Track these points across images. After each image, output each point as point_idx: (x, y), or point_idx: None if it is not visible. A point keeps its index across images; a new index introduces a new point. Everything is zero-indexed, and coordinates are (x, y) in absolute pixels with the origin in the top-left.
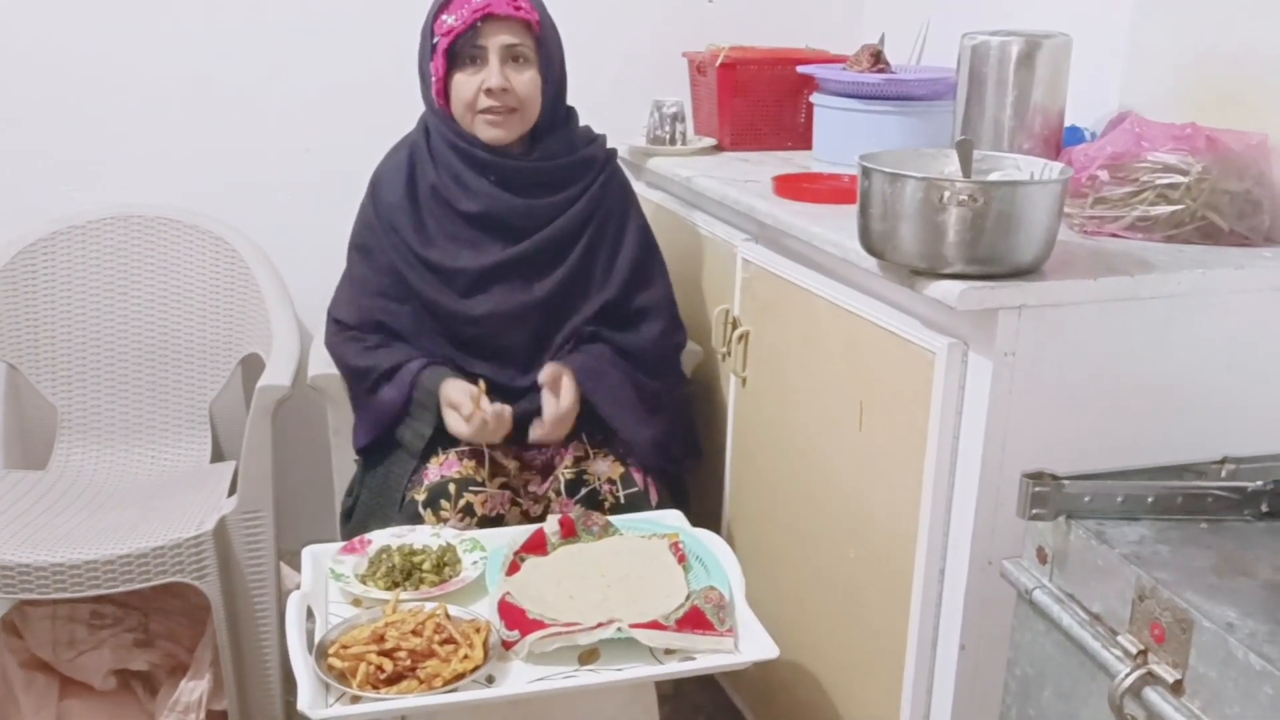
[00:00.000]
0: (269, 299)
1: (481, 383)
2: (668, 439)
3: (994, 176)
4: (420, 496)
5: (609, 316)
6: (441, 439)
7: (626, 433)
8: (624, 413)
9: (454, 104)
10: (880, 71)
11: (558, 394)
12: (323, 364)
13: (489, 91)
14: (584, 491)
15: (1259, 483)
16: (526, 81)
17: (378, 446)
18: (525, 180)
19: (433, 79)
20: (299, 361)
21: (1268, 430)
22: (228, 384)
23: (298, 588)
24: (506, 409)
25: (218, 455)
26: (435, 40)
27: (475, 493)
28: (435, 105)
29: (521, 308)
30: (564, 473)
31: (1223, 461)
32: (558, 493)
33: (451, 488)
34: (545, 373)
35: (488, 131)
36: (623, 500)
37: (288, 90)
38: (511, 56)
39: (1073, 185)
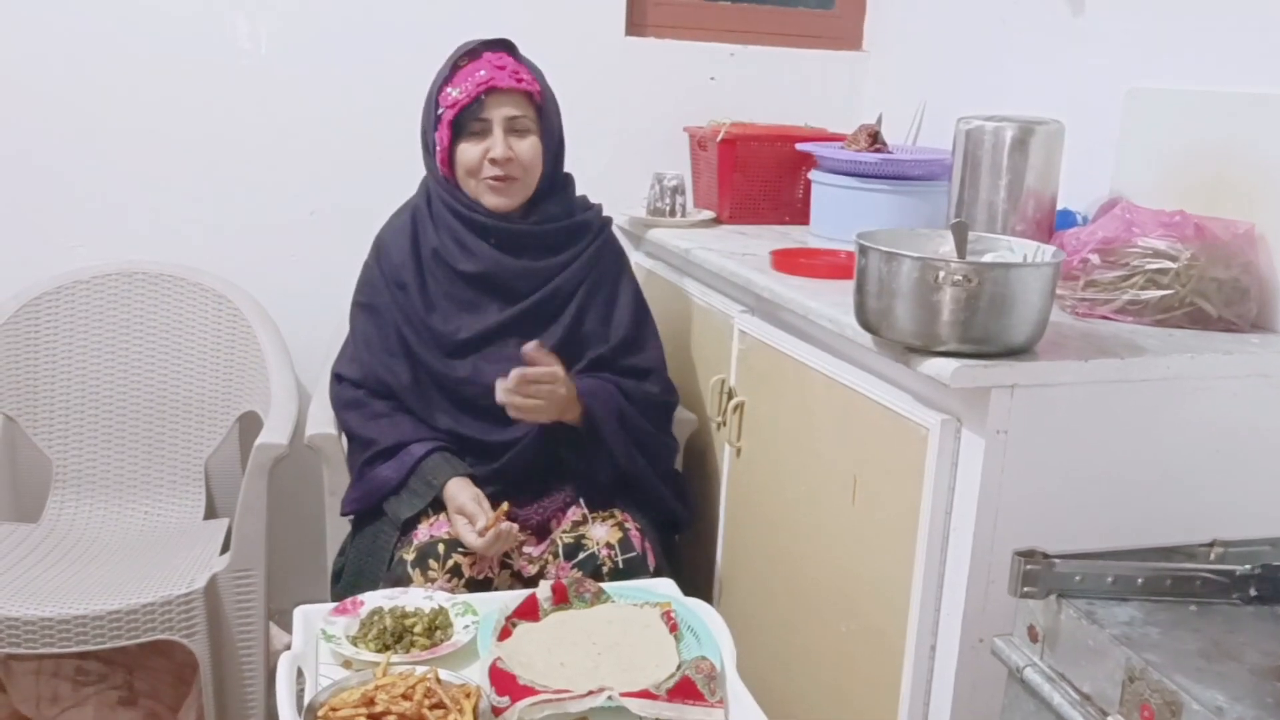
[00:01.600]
0: (269, 358)
1: (505, 505)
2: (658, 481)
3: (988, 258)
4: (409, 556)
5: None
6: (431, 502)
7: (621, 457)
8: (619, 435)
9: (458, 171)
10: (877, 151)
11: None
12: (320, 424)
13: (494, 161)
14: (582, 556)
15: (1247, 566)
16: (528, 148)
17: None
18: (524, 243)
19: (437, 148)
20: (297, 421)
21: (1255, 513)
22: (224, 441)
23: (287, 648)
24: (515, 526)
25: (211, 512)
26: (440, 112)
27: (464, 554)
28: (439, 173)
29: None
30: (562, 537)
31: (1211, 544)
32: (555, 555)
33: (440, 548)
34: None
35: (492, 199)
36: (621, 565)
37: (295, 153)
38: (514, 127)
39: (1065, 268)
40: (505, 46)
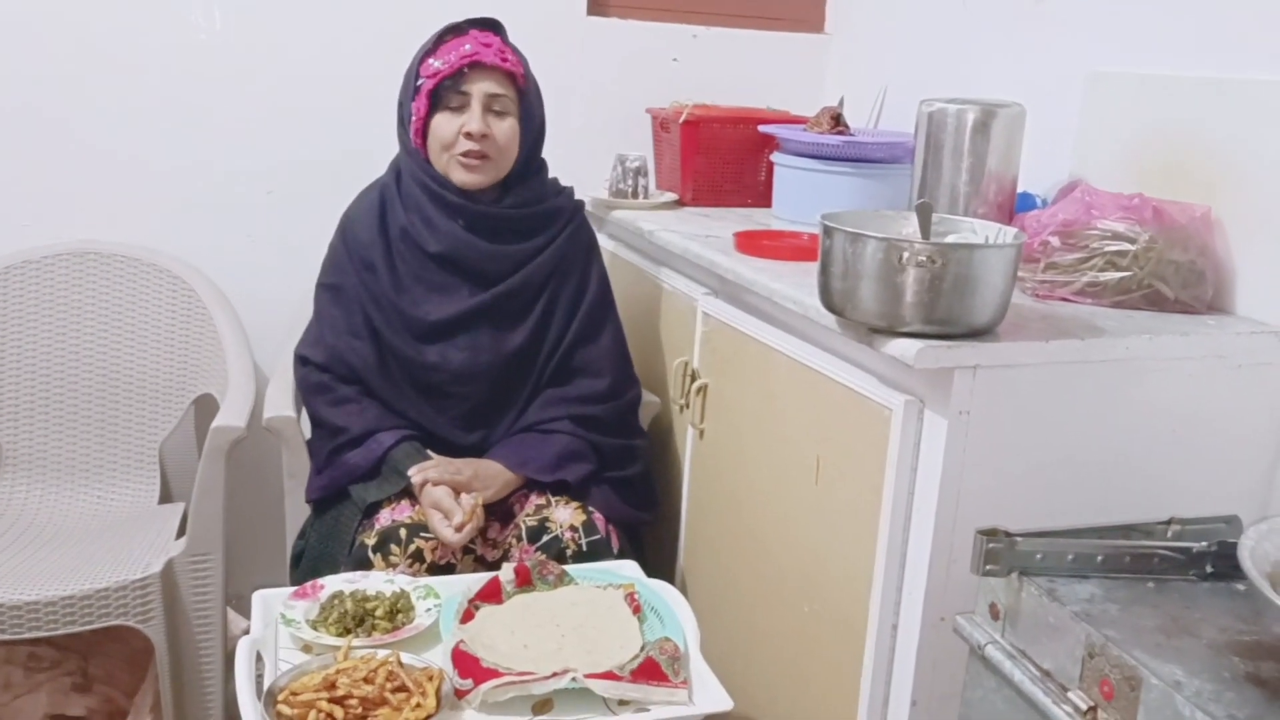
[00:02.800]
0: (226, 339)
1: (479, 499)
2: (624, 491)
3: (951, 239)
4: (370, 541)
5: (556, 368)
6: None
7: (576, 476)
8: (570, 469)
9: (431, 144)
10: (839, 133)
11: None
12: (279, 406)
13: (468, 135)
14: (546, 539)
15: (1203, 544)
16: (505, 129)
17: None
18: (494, 226)
19: (412, 118)
20: (254, 403)
21: (1211, 491)
22: (179, 424)
23: (245, 633)
24: (481, 514)
25: (166, 497)
26: (420, 82)
27: (426, 539)
28: (411, 145)
29: (489, 357)
30: (525, 520)
31: (1169, 522)
32: (519, 539)
33: (402, 533)
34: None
35: (461, 175)
36: (585, 548)
37: (252, 132)
38: (493, 106)
39: (1025, 250)
40: (493, 27)
